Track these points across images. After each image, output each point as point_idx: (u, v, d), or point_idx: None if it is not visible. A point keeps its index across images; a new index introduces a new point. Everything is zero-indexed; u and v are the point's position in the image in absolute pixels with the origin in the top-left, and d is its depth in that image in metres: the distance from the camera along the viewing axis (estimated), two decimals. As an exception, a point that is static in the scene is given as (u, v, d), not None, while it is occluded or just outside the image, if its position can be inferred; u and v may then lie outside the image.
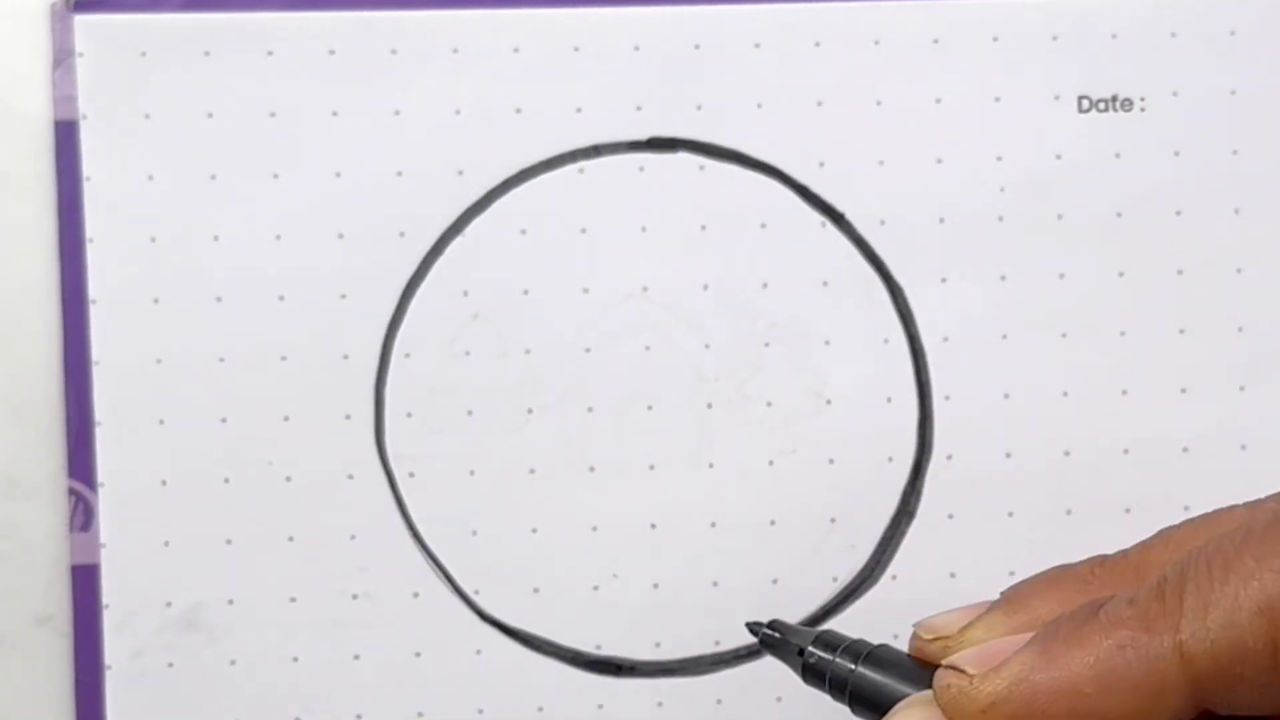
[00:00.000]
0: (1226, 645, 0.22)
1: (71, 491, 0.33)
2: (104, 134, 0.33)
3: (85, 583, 0.33)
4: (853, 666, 0.27)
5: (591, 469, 0.33)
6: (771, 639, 0.28)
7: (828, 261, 0.34)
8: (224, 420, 0.33)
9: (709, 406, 0.34)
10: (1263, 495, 0.33)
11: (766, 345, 0.34)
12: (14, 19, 0.33)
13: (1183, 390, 0.34)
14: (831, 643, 0.27)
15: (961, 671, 0.23)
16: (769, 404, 0.34)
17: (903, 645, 0.33)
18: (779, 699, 0.33)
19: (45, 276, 0.33)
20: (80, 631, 0.33)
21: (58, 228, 0.33)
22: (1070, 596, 0.24)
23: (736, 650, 0.33)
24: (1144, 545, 0.25)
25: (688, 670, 0.33)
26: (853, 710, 0.27)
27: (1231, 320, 0.34)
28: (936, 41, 0.34)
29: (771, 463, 0.34)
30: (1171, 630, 0.22)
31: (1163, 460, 0.34)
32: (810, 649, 0.27)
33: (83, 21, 0.33)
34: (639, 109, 0.34)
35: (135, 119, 0.33)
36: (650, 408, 0.34)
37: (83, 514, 0.33)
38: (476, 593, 0.33)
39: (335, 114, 0.33)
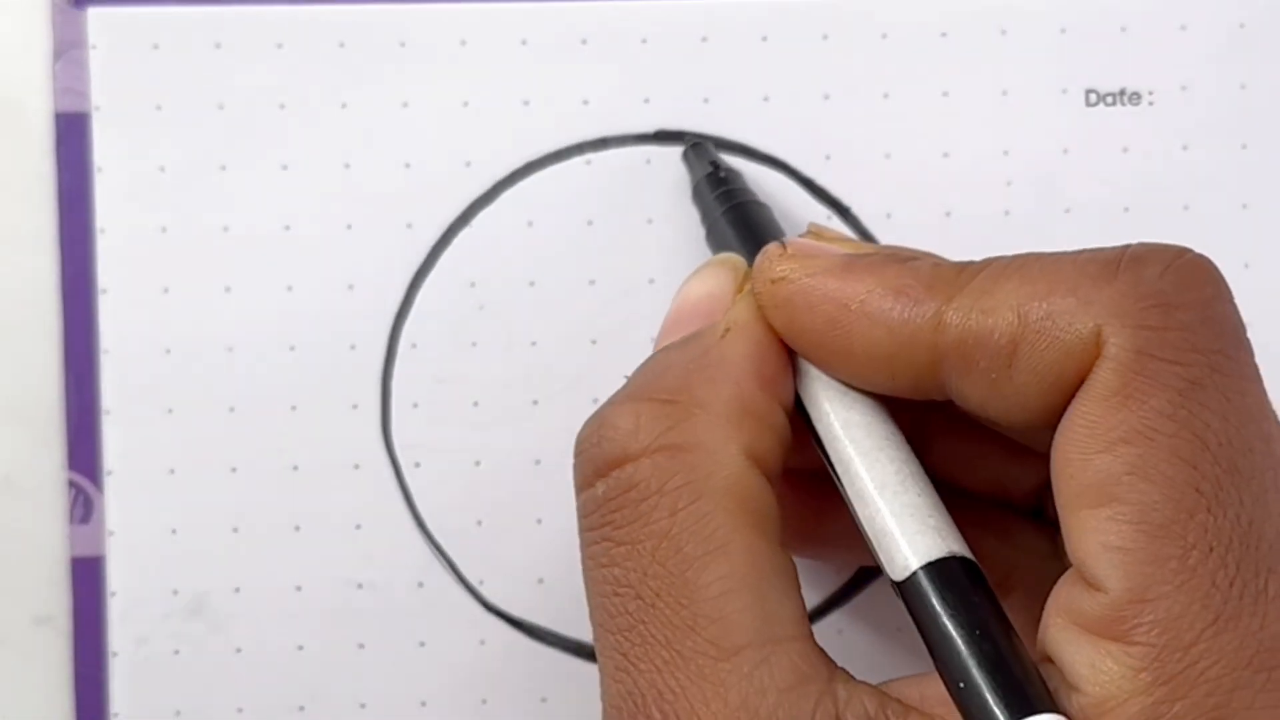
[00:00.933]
0: (976, 328, 0.23)
1: (71, 484, 0.33)
2: (116, 125, 0.33)
3: (86, 575, 0.33)
4: (721, 210, 0.30)
5: (596, 461, 0.33)
6: (687, 154, 0.33)
7: (834, 255, 0.34)
8: (232, 409, 0.33)
9: (714, 399, 0.34)
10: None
11: (772, 338, 0.34)
12: (15, 12, 0.33)
13: (1189, 385, 0.34)
14: (725, 179, 0.31)
15: (783, 244, 0.25)
16: (774, 397, 0.34)
17: (905, 638, 0.33)
18: (782, 692, 0.33)
19: (45, 271, 0.33)
20: (81, 624, 0.33)
21: (58, 221, 0.33)
22: None
23: (740, 643, 0.33)
24: None
25: (691, 662, 0.33)
26: (708, 241, 0.31)
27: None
28: (944, 35, 0.34)
29: (776, 455, 0.34)
30: (945, 298, 0.23)
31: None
32: (705, 180, 0.31)
33: (96, 14, 0.33)
34: (646, 101, 0.34)
35: (147, 110, 0.33)
36: (655, 400, 0.34)
37: (82, 506, 0.33)
38: (481, 583, 0.33)
39: (344, 106, 0.34)
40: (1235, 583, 0.21)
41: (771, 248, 0.25)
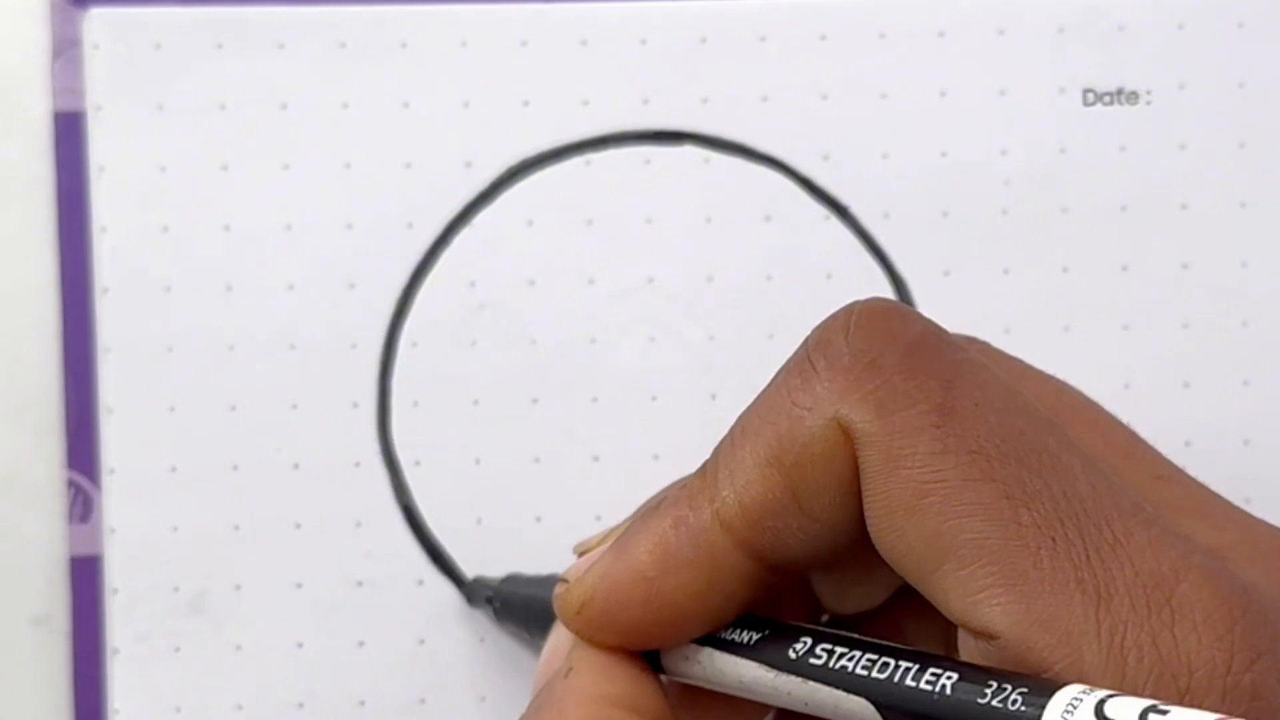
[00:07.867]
0: (751, 502, 0.23)
1: (70, 483, 0.33)
2: (117, 125, 0.33)
3: (84, 574, 0.33)
4: (519, 602, 0.31)
5: (596, 458, 0.34)
6: (471, 600, 0.33)
7: (832, 254, 0.34)
8: (233, 408, 0.33)
9: (713, 398, 0.34)
10: (1265, 492, 0.33)
11: (770, 337, 0.34)
12: (14, 12, 0.34)
13: (1186, 385, 0.34)
14: (500, 590, 0.32)
15: (564, 581, 0.25)
16: (772, 395, 0.34)
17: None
18: (780, 690, 0.33)
19: (43, 270, 0.33)
20: (80, 623, 0.33)
21: (57, 220, 0.33)
22: None
23: (739, 641, 0.34)
24: None
25: (689, 660, 0.34)
26: (530, 635, 0.31)
27: (1236, 315, 0.34)
28: (942, 34, 0.34)
29: (774, 454, 0.34)
30: (710, 503, 0.23)
31: (1165, 455, 0.33)
32: (489, 605, 0.32)
33: (97, 14, 0.34)
34: (645, 102, 0.34)
35: (148, 110, 0.34)
36: (654, 398, 0.34)
37: (82, 505, 0.33)
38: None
39: (345, 106, 0.34)
40: (1089, 551, 0.20)
41: (556, 590, 0.25)
